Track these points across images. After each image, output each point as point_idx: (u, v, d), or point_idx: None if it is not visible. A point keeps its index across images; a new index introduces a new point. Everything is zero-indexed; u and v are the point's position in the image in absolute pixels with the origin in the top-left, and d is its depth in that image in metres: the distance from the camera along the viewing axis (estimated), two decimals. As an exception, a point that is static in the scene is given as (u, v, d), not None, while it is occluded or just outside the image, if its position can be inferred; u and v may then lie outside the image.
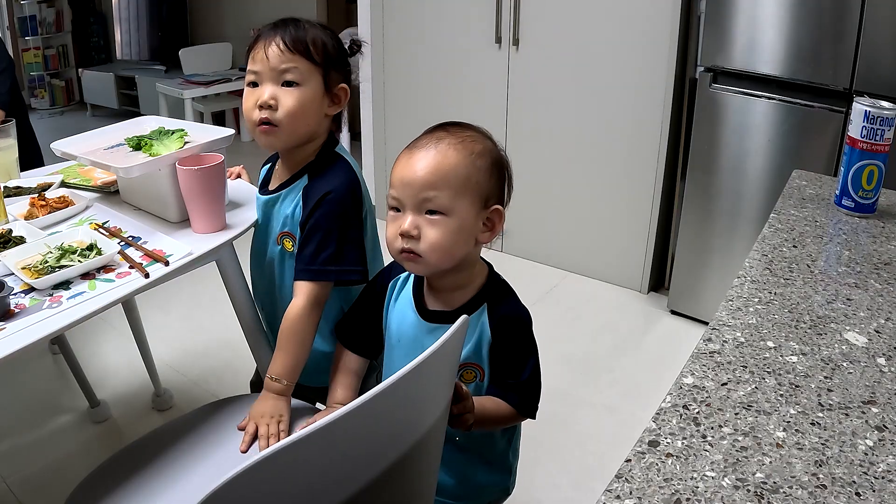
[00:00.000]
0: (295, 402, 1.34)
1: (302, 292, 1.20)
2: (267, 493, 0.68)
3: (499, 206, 1.03)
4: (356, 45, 1.27)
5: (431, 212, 0.98)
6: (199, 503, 0.63)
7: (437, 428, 0.89)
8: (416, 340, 1.07)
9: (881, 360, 0.83)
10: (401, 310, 1.10)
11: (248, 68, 1.18)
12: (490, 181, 1.02)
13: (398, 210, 1.00)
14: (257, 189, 1.35)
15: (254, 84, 1.18)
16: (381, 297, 1.14)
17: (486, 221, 1.02)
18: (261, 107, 1.16)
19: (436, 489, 1.07)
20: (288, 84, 1.16)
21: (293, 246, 1.25)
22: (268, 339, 1.42)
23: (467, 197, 0.99)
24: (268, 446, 1.16)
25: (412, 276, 1.10)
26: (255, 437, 1.17)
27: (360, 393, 1.18)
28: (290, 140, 1.20)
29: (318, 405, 1.32)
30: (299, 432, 0.66)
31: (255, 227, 1.35)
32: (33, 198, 1.40)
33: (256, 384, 1.55)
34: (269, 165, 1.36)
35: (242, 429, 1.18)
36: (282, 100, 1.15)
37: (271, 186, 1.31)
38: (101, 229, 1.30)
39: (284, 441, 0.65)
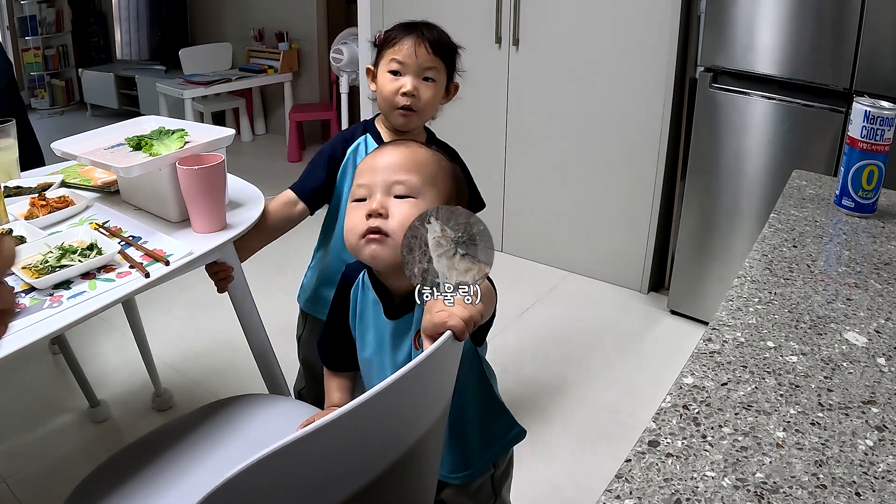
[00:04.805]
0: (295, 402, 1.35)
1: None
2: (266, 493, 0.68)
3: None
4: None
5: (400, 197, 0.98)
6: (199, 503, 0.63)
7: (436, 428, 0.89)
8: (388, 343, 1.05)
9: (881, 360, 0.83)
10: (368, 321, 1.07)
11: (393, 58, 1.36)
12: (453, 189, 1.04)
13: (363, 200, 1.00)
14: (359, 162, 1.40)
15: (395, 73, 1.36)
16: (346, 307, 1.11)
17: None
18: (404, 94, 1.35)
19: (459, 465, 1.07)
20: (426, 79, 1.37)
21: None
22: (268, 340, 1.42)
23: (435, 189, 1.01)
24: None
25: (368, 283, 1.06)
26: None
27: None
28: (421, 123, 1.43)
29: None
30: (299, 432, 0.66)
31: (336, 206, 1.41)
32: (33, 198, 1.40)
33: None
34: (360, 144, 1.41)
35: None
36: (422, 91, 1.36)
37: None
38: (101, 229, 1.30)
39: (284, 441, 0.65)
